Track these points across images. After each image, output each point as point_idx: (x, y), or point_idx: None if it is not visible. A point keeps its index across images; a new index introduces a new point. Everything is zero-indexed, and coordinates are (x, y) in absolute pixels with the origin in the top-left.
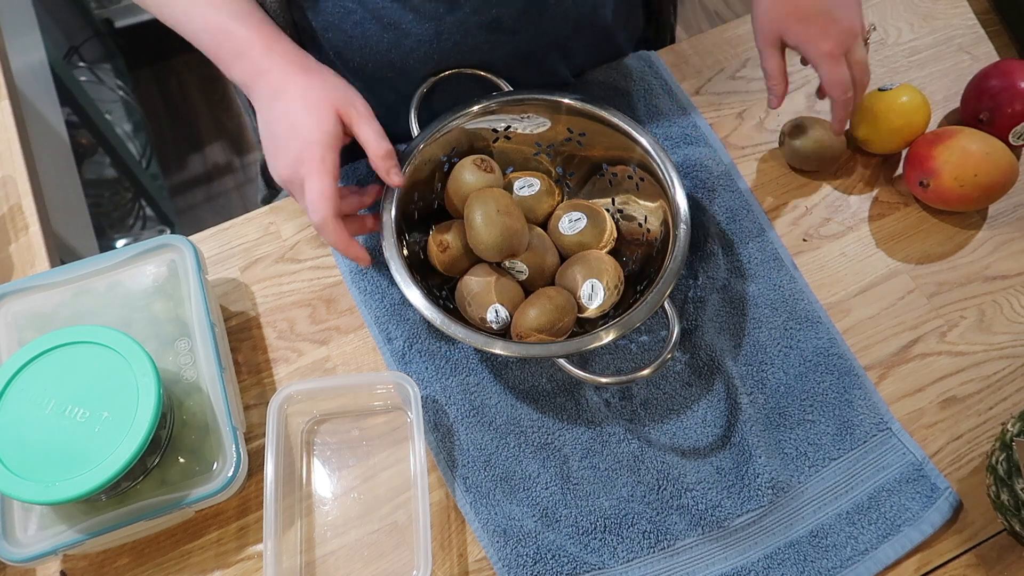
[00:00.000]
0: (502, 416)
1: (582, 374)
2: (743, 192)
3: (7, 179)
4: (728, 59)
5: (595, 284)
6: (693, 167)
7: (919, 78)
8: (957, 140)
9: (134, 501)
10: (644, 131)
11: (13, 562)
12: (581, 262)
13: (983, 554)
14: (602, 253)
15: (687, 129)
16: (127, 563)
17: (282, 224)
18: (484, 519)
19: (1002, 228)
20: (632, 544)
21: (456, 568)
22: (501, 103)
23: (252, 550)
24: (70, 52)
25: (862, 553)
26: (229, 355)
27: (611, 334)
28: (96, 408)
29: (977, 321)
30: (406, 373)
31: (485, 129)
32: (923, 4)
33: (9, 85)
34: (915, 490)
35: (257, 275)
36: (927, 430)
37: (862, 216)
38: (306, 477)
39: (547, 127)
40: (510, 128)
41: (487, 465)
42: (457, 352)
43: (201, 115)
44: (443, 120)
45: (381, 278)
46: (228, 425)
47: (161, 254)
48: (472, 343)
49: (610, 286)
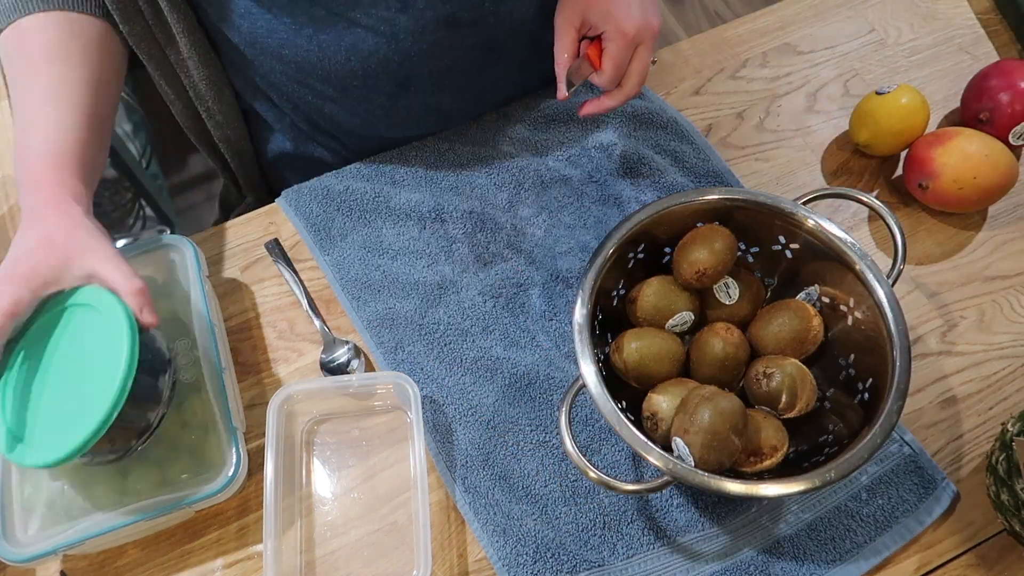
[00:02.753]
0: (500, 415)
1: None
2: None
3: (7, 179)
4: (728, 59)
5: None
6: (678, 170)
7: (919, 78)
8: (956, 142)
9: (134, 500)
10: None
11: (13, 562)
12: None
13: (983, 554)
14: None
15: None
16: (127, 563)
17: (282, 224)
18: (483, 518)
19: (1002, 228)
20: (632, 541)
21: (456, 568)
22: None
23: (252, 550)
24: None
25: (860, 546)
26: (229, 355)
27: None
28: (82, 368)
29: (977, 321)
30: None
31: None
32: (923, 4)
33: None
34: (912, 482)
35: (257, 275)
36: (927, 430)
37: (862, 216)
38: (306, 477)
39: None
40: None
41: (485, 464)
42: (452, 352)
43: None
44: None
45: (367, 285)
46: (228, 425)
47: (161, 254)
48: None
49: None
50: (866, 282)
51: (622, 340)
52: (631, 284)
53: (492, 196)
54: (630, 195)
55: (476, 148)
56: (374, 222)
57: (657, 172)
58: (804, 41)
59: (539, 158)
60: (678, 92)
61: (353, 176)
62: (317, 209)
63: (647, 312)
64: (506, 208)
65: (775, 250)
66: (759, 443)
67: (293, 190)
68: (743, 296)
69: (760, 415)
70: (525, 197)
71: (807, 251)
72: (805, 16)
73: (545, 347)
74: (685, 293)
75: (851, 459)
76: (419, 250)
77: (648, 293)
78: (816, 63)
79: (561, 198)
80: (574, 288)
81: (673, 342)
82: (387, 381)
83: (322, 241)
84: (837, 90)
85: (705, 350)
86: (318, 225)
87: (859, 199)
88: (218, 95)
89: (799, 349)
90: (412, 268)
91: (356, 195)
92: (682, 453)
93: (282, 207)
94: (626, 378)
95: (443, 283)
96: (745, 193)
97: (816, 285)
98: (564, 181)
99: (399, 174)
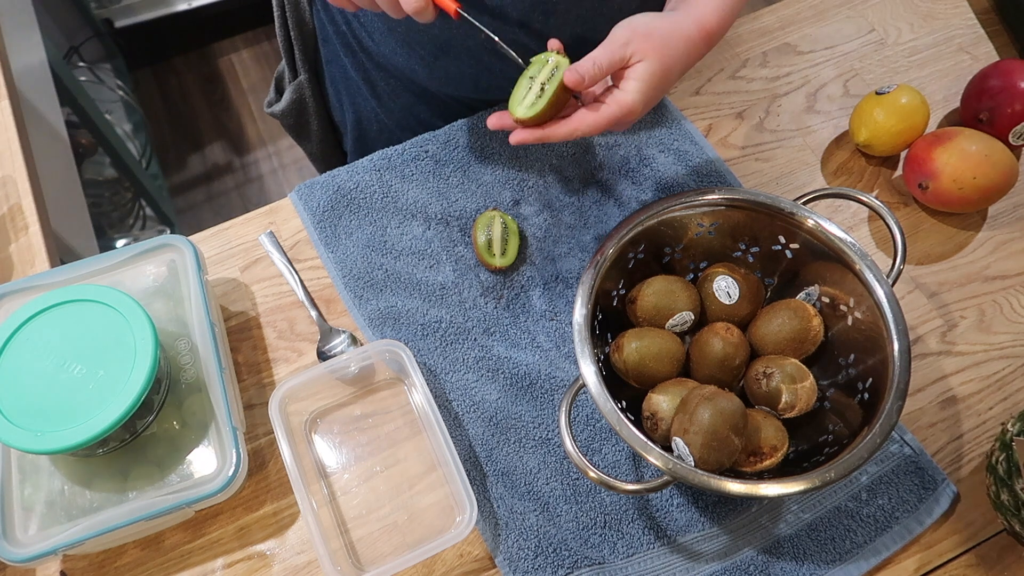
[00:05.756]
0: (502, 412)
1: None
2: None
3: (7, 179)
4: (728, 59)
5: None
6: (679, 169)
7: (919, 78)
8: (956, 142)
9: (134, 501)
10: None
11: (13, 562)
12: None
13: (983, 554)
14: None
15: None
16: (127, 563)
17: (282, 224)
18: (486, 514)
19: (1002, 228)
20: (632, 540)
21: (457, 565)
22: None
23: (252, 550)
24: (70, 52)
25: (860, 546)
26: (229, 355)
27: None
28: (93, 365)
29: (977, 321)
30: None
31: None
32: (923, 4)
33: (9, 85)
34: (913, 482)
35: (257, 275)
36: (927, 430)
37: (862, 216)
38: (320, 467)
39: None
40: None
41: (488, 460)
42: (454, 351)
43: (201, 115)
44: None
45: (370, 283)
46: (228, 425)
47: (161, 254)
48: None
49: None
50: (866, 282)
51: (622, 340)
52: (631, 284)
53: (497, 194)
54: (630, 195)
55: (485, 142)
56: (380, 221)
57: (658, 172)
58: (804, 41)
59: (542, 156)
60: (678, 92)
61: (365, 170)
62: (325, 205)
63: (647, 312)
64: (510, 207)
65: (775, 250)
66: (759, 443)
67: (305, 185)
68: (743, 296)
69: (760, 415)
70: (528, 195)
71: (807, 251)
72: (805, 16)
73: (545, 347)
74: (685, 293)
75: (851, 459)
76: (422, 250)
77: (648, 293)
78: (816, 63)
79: (562, 197)
80: (574, 288)
81: (673, 342)
82: (379, 350)
83: (327, 238)
84: (837, 90)
85: (705, 350)
86: (325, 222)
87: (859, 199)
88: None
89: (799, 349)
90: (415, 268)
91: (365, 193)
92: (682, 453)
93: (292, 201)
94: (626, 378)
95: (445, 283)
96: (745, 193)
97: (816, 285)
98: (565, 180)
99: (409, 169)
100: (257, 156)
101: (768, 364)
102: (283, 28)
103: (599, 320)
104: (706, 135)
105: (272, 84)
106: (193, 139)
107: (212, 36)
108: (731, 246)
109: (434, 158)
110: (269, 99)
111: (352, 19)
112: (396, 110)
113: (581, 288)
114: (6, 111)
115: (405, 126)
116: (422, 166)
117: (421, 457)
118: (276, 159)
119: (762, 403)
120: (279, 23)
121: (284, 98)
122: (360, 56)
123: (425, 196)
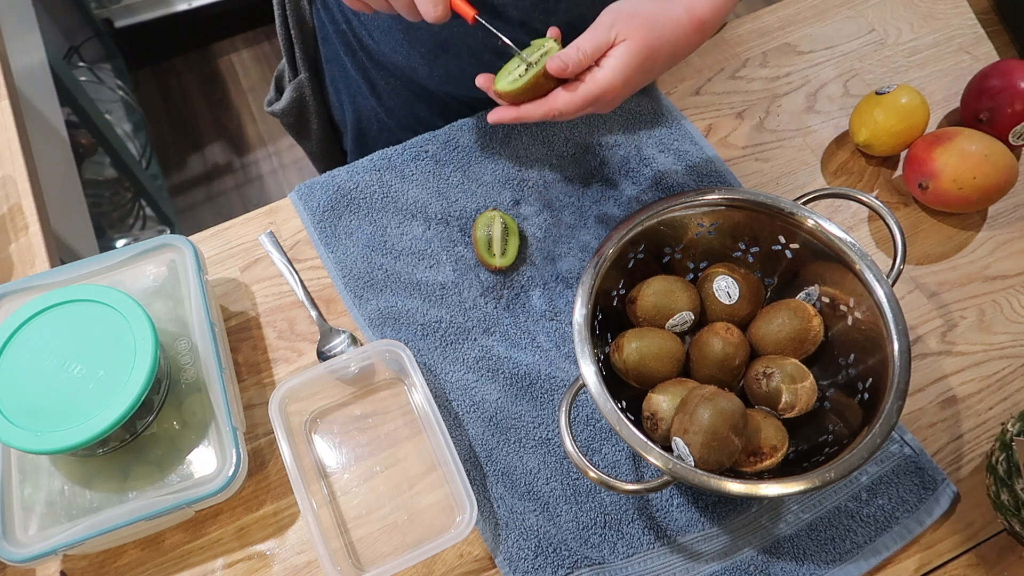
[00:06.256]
0: (502, 412)
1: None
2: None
3: (7, 179)
4: (728, 59)
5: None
6: (679, 169)
7: (919, 78)
8: (956, 142)
9: (134, 501)
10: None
11: (13, 562)
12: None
13: (983, 554)
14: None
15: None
16: (127, 563)
17: (282, 224)
18: (486, 514)
19: (1002, 228)
20: (632, 540)
21: (457, 565)
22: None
23: (252, 550)
24: (70, 52)
25: (860, 546)
26: (229, 355)
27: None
28: (93, 365)
29: (977, 321)
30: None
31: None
32: (923, 4)
33: (9, 85)
34: (913, 482)
35: (257, 275)
36: (927, 430)
37: (862, 216)
38: (320, 467)
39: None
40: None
41: (488, 460)
42: (455, 350)
43: (201, 115)
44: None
45: (370, 283)
46: (228, 425)
47: (161, 254)
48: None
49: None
50: (866, 282)
51: (622, 340)
52: (631, 284)
53: (497, 194)
54: (630, 195)
55: (485, 142)
56: (380, 221)
57: (658, 172)
58: (804, 41)
59: (542, 156)
60: (678, 92)
61: (365, 170)
62: (325, 205)
63: (647, 312)
64: (510, 207)
65: (775, 250)
66: (759, 443)
67: (305, 185)
68: (743, 296)
69: (760, 415)
70: (528, 195)
71: (807, 251)
72: (805, 16)
73: (545, 347)
74: (685, 293)
75: (851, 459)
76: (422, 250)
77: (648, 293)
78: (816, 63)
79: (562, 197)
80: (574, 288)
81: (673, 342)
82: (378, 350)
83: (327, 238)
84: (837, 90)
85: (705, 350)
86: (325, 222)
87: (859, 199)
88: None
89: (799, 349)
90: (415, 268)
91: (365, 193)
92: (682, 453)
93: (292, 201)
94: (626, 378)
95: (445, 283)
96: (745, 193)
97: (816, 285)
98: (565, 180)
99: (409, 169)
100: (257, 156)
101: (768, 364)
102: (283, 26)
103: (599, 320)
104: (706, 135)
105: (272, 83)
106: (193, 139)
107: (212, 36)
108: (731, 246)
109: (434, 158)
110: (269, 98)
111: (352, 18)
112: (396, 109)
113: (581, 288)
114: (6, 111)
115: (405, 125)
116: (422, 166)
117: (421, 457)
118: (276, 159)
119: (762, 403)
120: (279, 21)
121: (284, 97)
122: (360, 55)
123: (425, 196)
